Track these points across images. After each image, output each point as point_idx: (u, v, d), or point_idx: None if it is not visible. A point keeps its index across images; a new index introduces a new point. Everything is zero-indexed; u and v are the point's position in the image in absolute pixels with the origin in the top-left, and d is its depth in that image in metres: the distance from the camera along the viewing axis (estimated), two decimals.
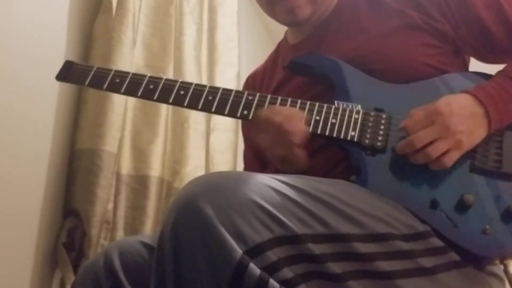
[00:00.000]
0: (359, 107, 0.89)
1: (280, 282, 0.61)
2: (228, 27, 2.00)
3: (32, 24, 1.22)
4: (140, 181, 1.44)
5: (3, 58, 1.13)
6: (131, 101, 1.49)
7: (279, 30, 1.20)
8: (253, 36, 2.47)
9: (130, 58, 1.41)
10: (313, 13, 1.02)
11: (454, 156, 0.81)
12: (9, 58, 1.15)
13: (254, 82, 1.19)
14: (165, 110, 1.53)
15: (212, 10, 1.97)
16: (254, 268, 0.59)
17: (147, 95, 0.95)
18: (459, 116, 0.80)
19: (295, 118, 0.87)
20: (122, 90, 0.96)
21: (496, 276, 0.83)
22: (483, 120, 0.82)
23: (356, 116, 0.88)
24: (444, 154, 0.80)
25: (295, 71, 1.00)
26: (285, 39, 1.17)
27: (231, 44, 2.00)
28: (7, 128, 1.13)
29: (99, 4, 1.42)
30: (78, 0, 1.39)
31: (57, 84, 1.29)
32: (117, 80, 0.96)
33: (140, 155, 1.46)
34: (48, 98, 1.27)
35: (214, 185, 0.64)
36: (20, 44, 1.18)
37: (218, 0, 1.99)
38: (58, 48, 1.31)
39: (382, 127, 0.87)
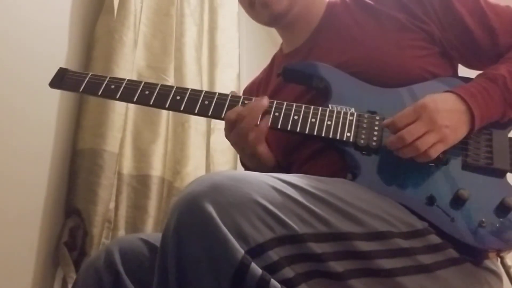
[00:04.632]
0: (352, 109, 0.92)
1: (282, 281, 0.61)
2: (229, 28, 2.01)
3: (34, 25, 1.22)
4: (141, 181, 1.45)
5: (5, 58, 1.13)
6: None
7: None
8: (254, 37, 2.47)
9: (131, 59, 1.41)
10: (289, 5, 1.04)
11: (439, 149, 0.83)
12: (11, 59, 1.15)
13: (251, 92, 1.21)
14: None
15: (212, 11, 1.97)
16: (256, 268, 0.60)
17: (143, 101, 0.96)
18: (444, 111, 0.83)
19: (253, 111, 0.90)
20: (118, 96, 0.97)
21: (493, 272, 0.85)
22: (466, 117, 0.85)
23: (351, 118, 0.90)
24: (430, 146, 0.82)
25: (288, 78, 1.02)
26: (280, 50, 1.19)
27: (232, 45, 2.01)
28: (9, 128, 1.14)
29: (100, 5, 1.43)
30: (80, 2, 1.40)
31: None
32: (112, 87, 0.97)
33: (141, 155, 1.47)
34: (50, 99, 1.28)
35: (217, 185, 0.64)
36: (22, 44, 1.19)
37: (219, 1, 2.00)
38: (60, 49, 1.31)
39: (376, 128, 0.89)
